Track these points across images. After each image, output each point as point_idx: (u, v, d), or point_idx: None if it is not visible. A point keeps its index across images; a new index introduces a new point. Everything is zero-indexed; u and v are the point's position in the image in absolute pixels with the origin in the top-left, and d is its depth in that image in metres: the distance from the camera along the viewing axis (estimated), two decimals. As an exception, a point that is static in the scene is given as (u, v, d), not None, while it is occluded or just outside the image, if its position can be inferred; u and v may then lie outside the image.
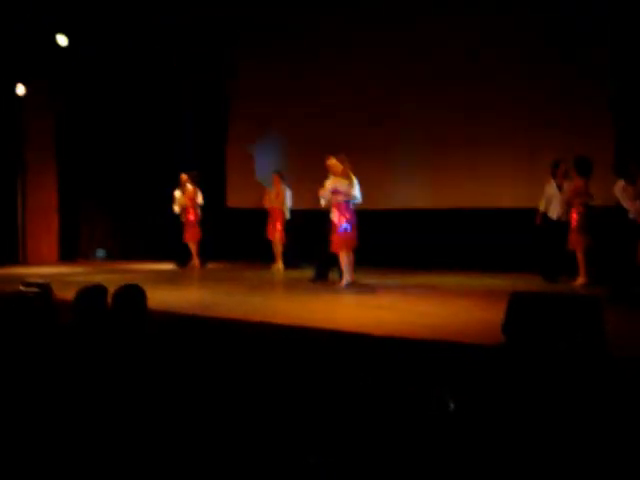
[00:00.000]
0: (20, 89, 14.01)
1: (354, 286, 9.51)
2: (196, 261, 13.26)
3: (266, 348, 5.67)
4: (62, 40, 13.37)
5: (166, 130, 15.00)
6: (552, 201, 9.98)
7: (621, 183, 8.71)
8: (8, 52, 13.51)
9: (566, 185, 9.78)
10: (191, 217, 13.27)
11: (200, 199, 13.27)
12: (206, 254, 13.33)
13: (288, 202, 12.56)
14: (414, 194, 12.62)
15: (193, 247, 13.31)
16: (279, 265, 12.52)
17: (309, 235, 10.73)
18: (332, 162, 9.73)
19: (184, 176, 13.37)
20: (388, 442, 3.59)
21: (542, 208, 10.07)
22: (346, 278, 9.65)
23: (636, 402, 4.25)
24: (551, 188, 10.00)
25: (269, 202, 12.61)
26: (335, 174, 9.72)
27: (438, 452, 3.47)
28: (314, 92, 13.50)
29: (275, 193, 12.55)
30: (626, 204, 8.53)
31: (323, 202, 9.86)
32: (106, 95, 15.10)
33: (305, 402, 4.17)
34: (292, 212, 12.57)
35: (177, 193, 13.44)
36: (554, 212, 9.92)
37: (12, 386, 3.90)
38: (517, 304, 5.75)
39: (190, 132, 14.96)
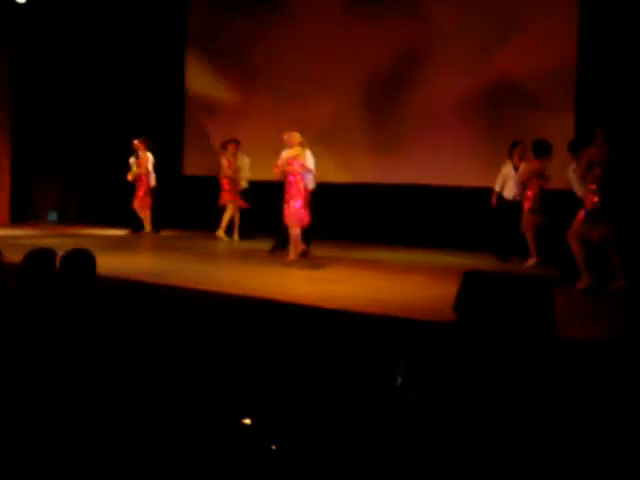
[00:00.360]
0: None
1: (302, 260, 9.41)
2: (148, 227, 13.09)
3: (215, 317, 5.63)
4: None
5: (123, 94, 14.74)
6: (508, 181, 10.03)
7: (573, 165, 8.74)
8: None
9: (522, 166, 9.83)
10: (141, 183, 13.09)
11: (149, 165, 13.09)
12: (160, 221, 13.17)
13: (247, 171, 12.47)
14: (373, 169, 12.56)
15: (145, 214, 13.12)
16: (236, 236, 12.39)
17: (268, 206, 10.65)
18: (289, 134, 9.67)
19: (136, 142, 13.16)
20: (329, 409, 3.60)
21: (497, 188, 10.12)
22: (292, 253, 9.55)
23: (581, 383, 4.30)
24: (507, 168, 10.05)
25: (232, 171, 12.42)
26: (292, 146, 9.63)
27: (382, 424, 3.48)
28: (274, 60, 13.42)
29: (235, 162, 12.42)
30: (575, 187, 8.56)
31: (277, 174, 9.75)
32: (64, 56, 14.84)
33: (249, 369, 4.17)
34: (250, 183, 12.48)
35: (131, 160, 13.25)
36: (509, 193, 9.98)
37: None
38: (469, 283, 5.77)
39: (148, 98, 14.68)
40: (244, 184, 12.45)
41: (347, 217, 12.50)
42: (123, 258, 9.26)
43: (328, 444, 3.36)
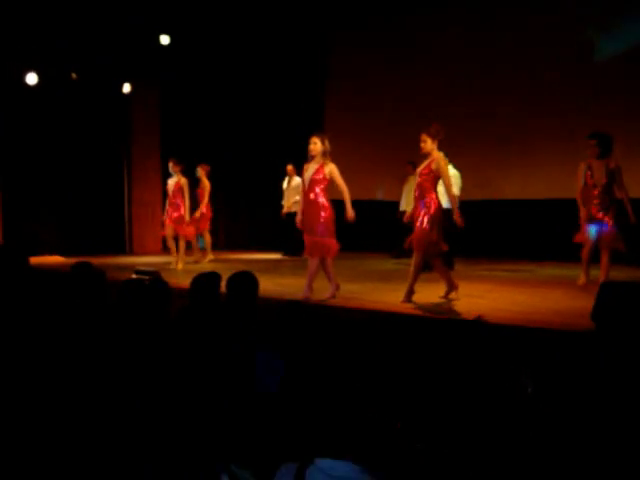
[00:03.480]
0: (126, 87, 14.73)
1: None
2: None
3: (361, 332, 5.93)
4: (165, 39, 14.03)
5: (265, 126, 15.43)
6: None
7: None
8: (117, 52, 14.22)
9: None
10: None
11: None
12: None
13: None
14: (505, 184, 12.71)
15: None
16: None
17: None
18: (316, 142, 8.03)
19: (289, 167, 13.59)
20: (474, 427, 3.74)
21: None
22: (307, 289, 7.99)
23: None
24: None
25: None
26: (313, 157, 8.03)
27: (515, 435, 3.58)
28: (407, 86, 13.82)
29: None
30: None
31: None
32: (207, 91, 15.68)
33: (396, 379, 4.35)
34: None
35: (284, 184, 13.79)
36: None
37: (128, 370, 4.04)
38: (607, 292, 5.91)
39: (287, 126, 15.28)
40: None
41: (489, 234, 12.63)
42: (274, 280, 9.67)
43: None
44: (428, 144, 7.63)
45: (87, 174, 14.96)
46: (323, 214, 7.84)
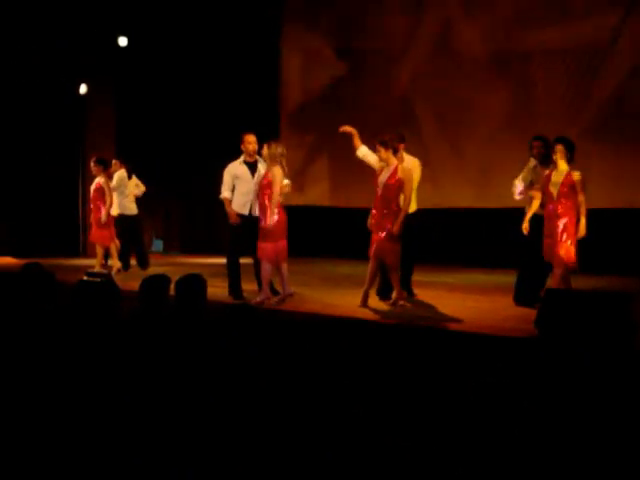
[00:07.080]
0: (83, 88, 14.63)
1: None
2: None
3: (308, 337, 5.96)
4: (123, 41, 13.98)
5: (220, 125, 15.35)
6: None
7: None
8: (71, 52, 14.15)
9: None
10: None
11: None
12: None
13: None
14: (464, 193, 12.81)
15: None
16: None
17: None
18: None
19: (114, 161, 12.71)
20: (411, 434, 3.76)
21: None
22: (263, 293, 8.14)
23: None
24: None
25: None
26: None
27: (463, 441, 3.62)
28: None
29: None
30: None
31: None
32: (165, 90, 15.56)
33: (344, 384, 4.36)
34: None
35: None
36: None
37: (78, 372, 4.03)
38: (550, 300, 6.05)
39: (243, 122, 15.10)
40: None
41: (438, 241, 12.68)
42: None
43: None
44: (382, 153, 7.71)
45: (41, 174, 14.79)
46: (275, 217, 7.93)
